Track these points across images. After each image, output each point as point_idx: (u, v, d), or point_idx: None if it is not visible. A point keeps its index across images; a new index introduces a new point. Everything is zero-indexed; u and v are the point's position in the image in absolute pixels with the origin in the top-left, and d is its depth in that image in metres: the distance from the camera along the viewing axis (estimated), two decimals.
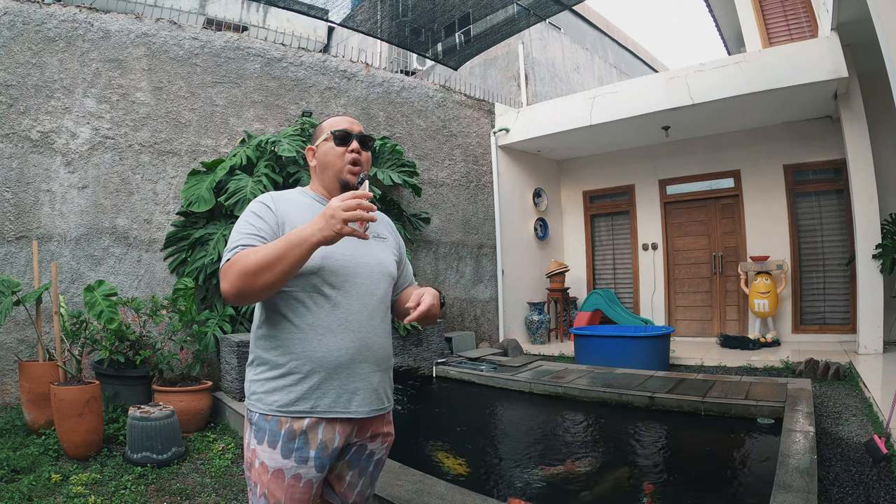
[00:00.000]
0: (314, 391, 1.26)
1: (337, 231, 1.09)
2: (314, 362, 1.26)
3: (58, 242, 4.50)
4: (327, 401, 1.26)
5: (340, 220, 1.09)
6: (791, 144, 6.92)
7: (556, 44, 10.59)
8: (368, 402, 1.32)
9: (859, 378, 4.59)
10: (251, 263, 1.13)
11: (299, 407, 1.25)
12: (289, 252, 1.12)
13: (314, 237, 1.11)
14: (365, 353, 1.32)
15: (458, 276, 7.29)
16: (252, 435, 1.29)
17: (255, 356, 1.33)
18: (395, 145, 6.17)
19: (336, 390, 1.27)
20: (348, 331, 1.29)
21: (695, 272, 7.76)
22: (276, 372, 1.28)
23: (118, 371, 3.97)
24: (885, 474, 2.70)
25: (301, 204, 1.37)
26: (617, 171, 8.38)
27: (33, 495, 2.71)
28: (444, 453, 3.42)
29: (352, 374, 1.29)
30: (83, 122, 4.68)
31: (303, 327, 1.27)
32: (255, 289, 1.14)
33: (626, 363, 5.40)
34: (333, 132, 1.39)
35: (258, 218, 1.29)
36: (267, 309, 1.31)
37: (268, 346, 1.30)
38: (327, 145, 1.40)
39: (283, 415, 1.24)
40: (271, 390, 1.27)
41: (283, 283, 1.18)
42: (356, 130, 1.42)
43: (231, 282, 1.16)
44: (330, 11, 6.49)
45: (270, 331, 1.30)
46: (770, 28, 8.37)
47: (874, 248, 5.42)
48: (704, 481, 2.90)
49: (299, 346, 1.26)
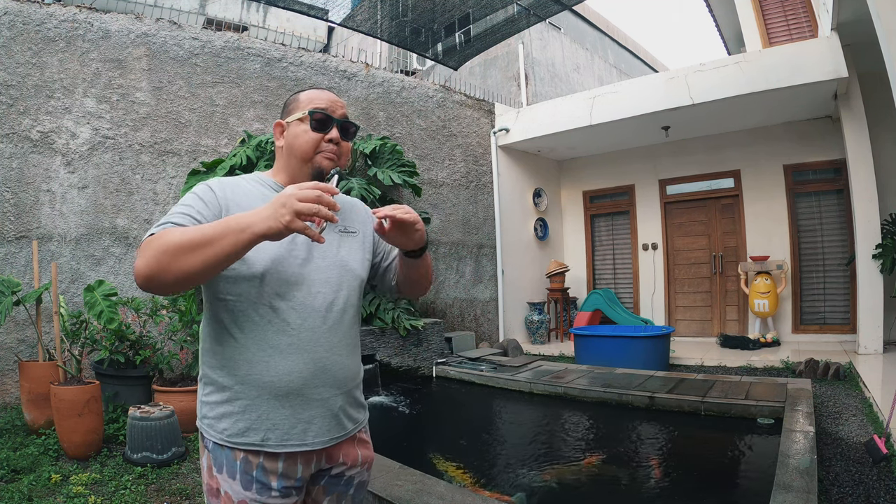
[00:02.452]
0: (264, 421, 1.07)
1: (285, 224, 0.87)
2: (261, 388, 1.07)
3: (58, 242, 4.50)
4: (279, 433, 1.08)
5: (291, 211, 0.86)
6: (791, 144, 6.92)
7: (556, 44, 10.59)
8: (327, 430, 1.13)
9: (859, 378, 4.59)
10: (173, 240, 0.91)
11: (249, 439, 1.07)
12: (223, 236, 0.89)
13: (257, 226, 0.88)
14: (322, 376, 1.11)
15: (458, 276, 7.29)
16: (212, 462, 1.11)
17: (203, 373, 1.14)
18: (395, 145, 6.16)
19: (288, 420, 1.08)
20: (301, 351, 1.08)
21: (695, 272, 7.76)
22: (222, 395, 1.09)
23: (118, 371, 3.97)
24: (885, 474, 2.70)
25: (254, 194, 1.14)
26: (617, 171, 8.38)
27: (33, 495, 2.71)
28: (444, 453, 3.42)
29: (306, 402, 1.09)
30: (83, 122, 4.68)
31: (248, 346, 1.07)
32: (171, 274, 0.91)
33: (626, 363, 5.40)
34: (311, 112, 1.15)
35: (198, 199, 1.07)
36: (211, 319, 1.12)
37: (213, 364, 1.11)
38: (301, 127, 1.15)
39: (234, 446, 1.07)
40: (219, 416, 1.09)
41: (206, 277, 0.95)
42: (339, 114, 1.18)
43: (146, 259, 0.92)
44: (330, 11, 6.50)
45: (215, 346, 1.11)
46: (770, 28, 8.37)
47: (874, 248, 5.42)
48: (704, 481, 2.90)
49: (244, 369, 1.07)
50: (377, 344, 5.36)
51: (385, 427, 4.09)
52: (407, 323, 5.55)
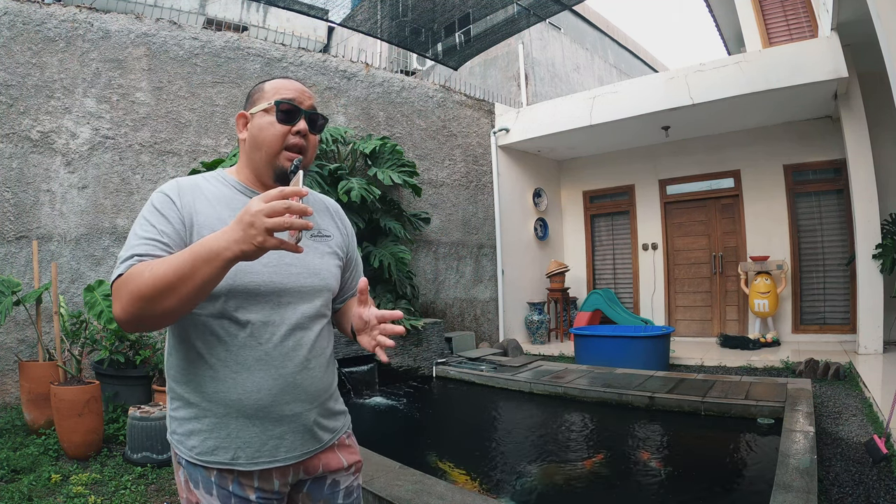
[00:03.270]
0: (233, 439, 1.02)
1: (258, 244, 0.81)
2: (228, 406, 1.01)
3: (58, 242, 4.50)
4: (249, 451, 1.03)
5: (262, 230, 0.80)
6: (791, 144, 6.92)
7: (556, 44, 10.59)
8: (301, 444, 1.08)
9: (859, 378, 4.59)
10: (147, 284, 0.86)
11: (219, 458, 1.02)
12: (196, 271, 0.84)
13: (228, 251, 0.83)
14: (293, 391, 1.05)
15: (458, 276, 7.29)
16: (188, 478, 1.06)
17: (170, 387, 1.09)
18: (395, 145, 6.16)
19: (258, 438, 1.03)
20: (269, 366, 1.02)
21: (695, 272, 7.76)
22: (189, 412, 1.04)
23: (118, 371, 3.97)
24: (885, 474, 2.70)
25: (217, 196, 1.07)
26: (617, 171, 8.38)
27: (33, 495, 2.71)
28: (444, 453, 3.42)
29: (275, 418, 1.04)
30: (83, 122, 4.68)
31: (213, 363, 1.01)
32: (154, 316, 0.88)
33: (626, 363, 5.40)
34: (278, 102, 1.06)
35: (159, 216, 0.99)
36: (175, 334, 1.06)
37: (179, 380, 1.05)
38: (266, 119, 1.07)
39: (205, 464, 1.03)
40: (188, 433, 1.04)
41: (191, 309, 0.91)
42: (307, 105, 1.09)
43: (123, 305, 0.88)
44: (330, 11, 6.50)
45: (180, 362, 1.05)
46: (770, 28, 8.37)
47: (874, 248, 5.42)
48: (704, 481, 2.90)
49: (211, 386, 1.02)
50: None
51: (385, 427, 4.10)
52: (407, 323, 5.55)
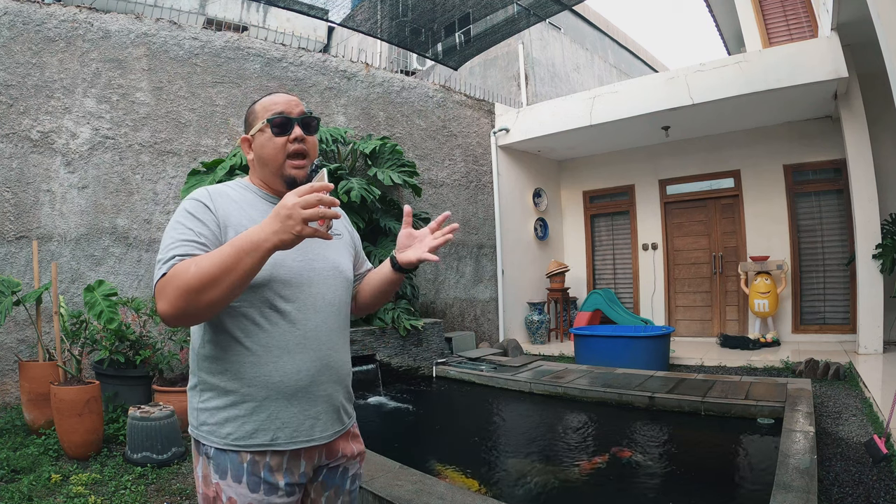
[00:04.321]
0: (273, 420, 1.11)
1: (297, 233, 0.92)
2: (269, 388, 1.10)
3: (58, 242, 4.50)
4: (288, 431, 1.12)
5: (299, 221, 0.91)
6: (791, 144, 6.92)
7: (556, 44, 10.59)
8: (332, 423, 1.19)
9: (859, 378, 4.59)
10: (193, 278, 0.94)
11: (257, 440, 1.10)
12: (239, 262, 0.93)
13: (268, 242, 0.93)
14: (326, 372, 1.17)
15: (458, 276, 7.29)
16: (212, 469, 1.12)
17: (200, 380, 1.15)
18: (395, 145, 6.17)
19: (297, 418, 1.13)
20: (307, 350, 1.13)
21: (695, 272, 7.76)
22: (225, 399, 1.11)
23: (118, 371, 3.97)
24: (885, 474, 2.70)
25: (244, 200, 1.18)
26: (617, 171, 8.38)
27: (33, 495, 2.71)
28: (444, 453, 3.42)
29: (313, 398, 1.15)
30: (83, 122, 4.68)
31: (255, 349, 1.10)
32: (200, 308, 0.96)
33: (626, 363, 5.40)
34: (269, 120, 1.17)
35: (195, 220, 1.08)
36: (212, 328, 1.13)
37: (214, 370, 1.12)
38: (264, 136, 1.18)
39: (242, 449, 1.10)
40: (223, 421, 1.11)
41: (233, 299, 0.99)
42: (296, 112, 1.19)
43: (170, 301, 0.96)
44: (330, 11, 6.50)
45: (217, 353, 1.12)
46: (770, 28, 8.37)
47: (874, 248, 5.42)
48: (704, 481, 2.90)
49: (251, 371, 1.10)
50: (377, 344, 5.36)
51: (385, 427, 4.09)
52: (407, 323, 5.55)
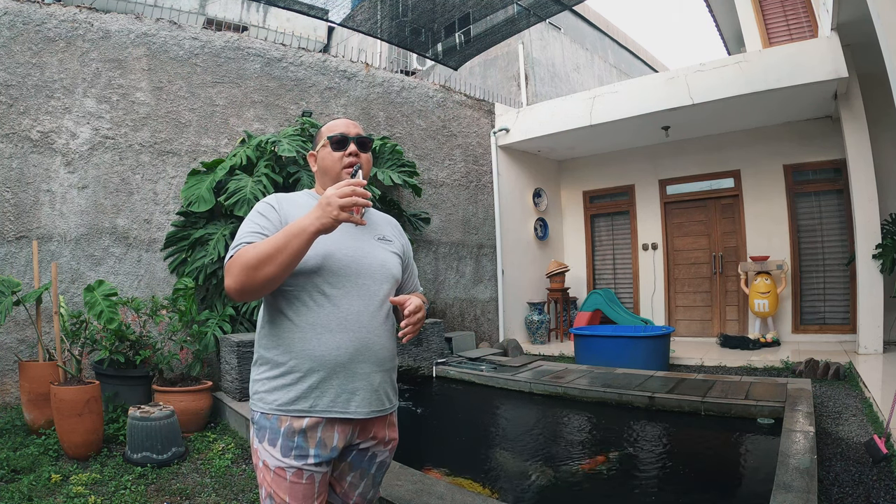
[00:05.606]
0: (313, 390, 1.26)
1: (334, 217, 1.13)
2: (313, 360, 1.27)
3: (58, 242, 4.50)
4: (326, 400, 1.27)
5: (337, 207, 1.12)
6: (791, 144, 6.92)
7: (556, 44, 10.59)
8: (368, 402, 1.32)
9: (859, 378, 4.59)
10: (252, 257, 1.16)
11: (298, 406, 1.26)
12: (288, 243, 1.14)
13: (312, 226, 1.14)
14: (365, 352, 1.31)
15: (458, 276, 7.29)
16: (254, 434, 1.31)
17: (259, 356, 1.35)
18: (395, 145, 6.17)
19: (335, 389, 1.27)
20: (347, 330, 1.29)
21: (695, 272, 7.76)
22: (276, 371, 1.29)
23: (118, 371, 3.97)
24: (885, 474, 2.70)
25: (306, 206, 1.36)
26: (617, 171, 8.38)
27: (33, 495, 2.71)
28: (444, 453, 3.42)
29: (351, 374, 1.29)
30: (83, 122, 4.68)
31: (302, 326, 1.28)
32: (257, 283, 1.16)
33: (626, 363, 5.40)
34: (330, 137, 1.41)
35: (262, 217, 1.32)
36: (269, 308, 1.33)
37: (269, 345, 1.31)
38: (325, 150, 1.43)
39: (283, 413, 1.26)
40: (272, 389, 1.28)
41: (285, 276, 1.19)
42: (353, 133, 1.43)
43: (234, 277, 1.18)
44: (330, 11, 6.50)
45: (272, 330, 1.31)
46: (770, 28, 8.37)
47: (874, 248, 5.42)
48: (705, 481, 2.90)
49: (299, 345, 1.27)
50: None
51: None
52: None
